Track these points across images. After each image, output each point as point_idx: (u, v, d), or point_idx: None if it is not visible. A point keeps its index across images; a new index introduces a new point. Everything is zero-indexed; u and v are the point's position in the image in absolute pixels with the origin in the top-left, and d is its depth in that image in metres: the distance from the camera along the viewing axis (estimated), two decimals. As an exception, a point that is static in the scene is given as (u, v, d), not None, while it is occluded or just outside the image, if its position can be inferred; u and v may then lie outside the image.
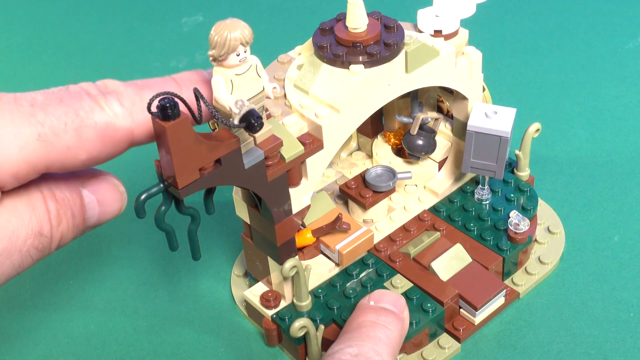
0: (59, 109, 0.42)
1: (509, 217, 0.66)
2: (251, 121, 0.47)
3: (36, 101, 0.42)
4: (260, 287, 0.65)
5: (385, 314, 0.58)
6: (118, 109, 0.44)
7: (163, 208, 0.50)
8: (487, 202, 0.70)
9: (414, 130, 0.68)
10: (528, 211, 0.69)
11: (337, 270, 0.66)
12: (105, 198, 0.47)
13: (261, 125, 0.48)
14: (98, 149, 0.43)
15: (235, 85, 0.48)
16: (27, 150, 0.41)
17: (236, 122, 0.47)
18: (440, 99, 0.72)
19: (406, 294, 0.63)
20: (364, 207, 0.67)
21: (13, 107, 0.41)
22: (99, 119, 0.43)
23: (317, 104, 0.58)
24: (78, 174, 0.46)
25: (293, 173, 0.58)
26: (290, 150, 0.56)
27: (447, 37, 0.64)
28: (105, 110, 0.43)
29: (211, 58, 0.48)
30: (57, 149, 0.42)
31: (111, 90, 0.44)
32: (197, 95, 0.46)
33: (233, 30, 0.47)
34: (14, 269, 0.42)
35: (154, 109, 0.45)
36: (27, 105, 0.42)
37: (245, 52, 0.48)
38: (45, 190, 0.43)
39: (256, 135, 0.52)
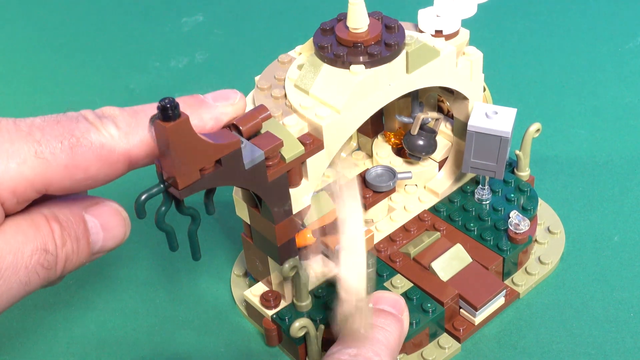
0: (56, 130, 0.43)
1: (509, 217, 0.66)
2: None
3: (34, 123, 0.43)
4: (260, 287, 0.65)
5: (384, 315, 0.58)
6: (114, 130, 0.45)
7: (163, 208, 0.50)
8: (487, 202, 0.70)
9: (415, 130, 0.68)
10: (528, 211, 0.69)
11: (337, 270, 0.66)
12: (108, 223, 0.47)
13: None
14: (95, 169, 0.44)
15: None
16: (25, 166, 0.42)
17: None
18: (441, 99, 0.72)
19: (406, 294, 0.63)
20: (364, 207, 0.67)
21: (12, 128, 0.43)
22: (94, 139, 0.44)
23: (318, 104, 0.58)
24: (80, 200, 0.47)
25: (293, 173, 0.58)
26: (291, 150, 0.56)
27: (448, 37, 0.64)
28: (101, 132, 0.44)
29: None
30: (54, 167, 0.43)
31: (107, 115, 0.46)
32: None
33: None
34: (22, 286, 0.43)
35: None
36: (25, 127, 0.43)
37: None
38: (48, 213, 0.44)
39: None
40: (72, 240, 0.45)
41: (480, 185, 0.70)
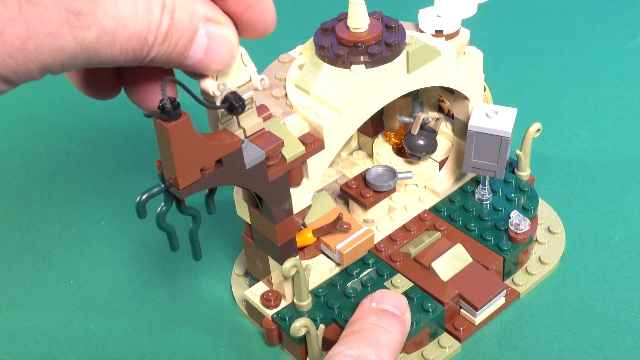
0: None
1: (510, 217, 0.66)
2: (232, 102, 0.47)
3: None
4: (260, 287, 0.65)
5: (386, 316, 0.58)
6: None
7: (164, 208, 0.50)
8: (488, 202, 0.70)
9: (415, 130, 0.68)
10: (528, 211, 0.69)
11: (337, 270, 0.66)
12: (213, 50, 0.43)
13: (243, 107, 0.47)
14: None
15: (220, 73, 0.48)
16: None
17: (218, 103, 0.47)
18: (441, 98, 0.72)
19: (407, 294, 0.63)
20: (365, 206, 0.67)
21: None
22: None
23: (318, 104, 0.58)
24: (203, 9, 0.42)
25: (294, 173, 0.58)
26: (292, 150, 0.56)
27: (449, 37, 0.64)
28: None
29: None
30: None
31: None
32: (178, 82, 0.45)
33: None
34: (110, 61, 0.39)
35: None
36: None
37: None
38: (167, 2, 0.40)
39: (241, 121, 0.52)
40: (172, 43, 0.41)
41: (480, 185, 0.70)
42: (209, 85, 0.47)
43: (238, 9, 0.43)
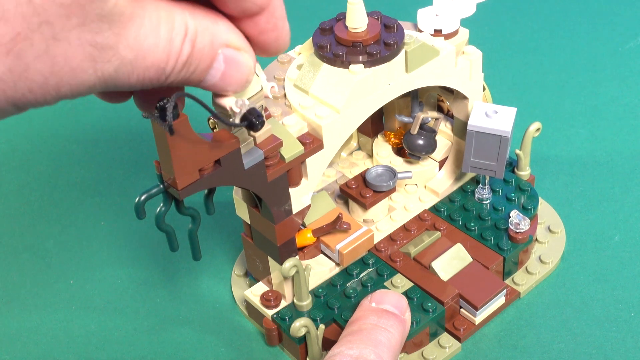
0: None
1: (510, 217, 0.66)
2: (252, 120, 0.47)
3: None
4: (260, 287, 0.65)
5: (386, 316, 0.58)
6: None
7: (163, 209, 0.50)
8: (488, 201, 0.70)
9: (415, 129, 0.68)
10: (529, 210, 0.69)
11: (337, 270, 0.66)
12: (230, 76, 0.42)
13: (262, 123, 0.47)
14: None
15: None
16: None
17: (237, 121, 0.47)
18: (441, 98, 0.72)
19: (407, 294, 0.63)
20: (365, 206, 0.67)
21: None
22: None
23: (317, 104, 0.58)
24: (226, 28, 0.41)
25: (293, 173, 0.58)
26: (290, 150, 0.56)
27: (447, 36, 0.64)
28: None
29: None
30: None
31: None
32: (193, 97, 0.45)
33: None
34: (126, 82, 0.38)
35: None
36: None
37: None
38: (190, 27, 0.39)
39: (257, 134, 0.52)
40: (190, 70, 0.40)
41: (480, 185, 0.70)
42: (227, 101, 0.47)
43: (252, 32, 0.43)
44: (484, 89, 0.69)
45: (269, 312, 0.63)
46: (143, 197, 0.48)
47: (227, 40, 0.41)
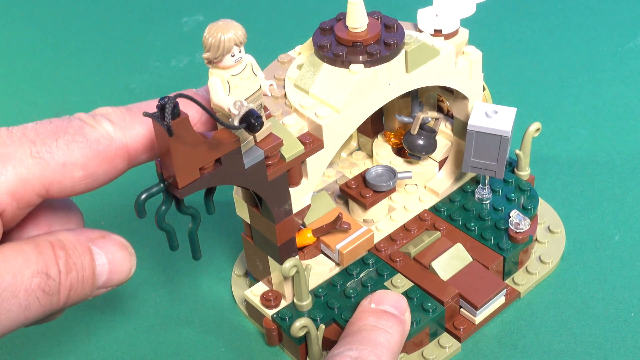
0: (50, 129, 0.43)
1: (510, 217, 0.66)
2: (251, 121, 0.47)
3: (27, 127, 0.43)
4: (260, 287, 0.65)
5: (386, 317, 0.58)
6: (108, 125, 0.45)
7: (163, 208, 0.50)
8: (488, 201, 0.70)
9: (415, 129, 0.68)
10: (529, 210, 0.69)
11: (337, 269, 0.66)
12: (114, 257, 0.46)
13: (261, 124, 0.47)
14: (94, 165, 0.44)
15: (232, 85, 0.48)
16: (22, 167, 0.42)
17: (236, 123, 0.47)
18: (441, 98, 0.72)
19: (406, 294, 0.63)
20: (365, 206, 0.67)
21: (4, 133, 0.43)
22: (90, 134, 0.44)
23: (318, 104, 0.58)
24: (87, 232, 0.46)
25: (293, 173, 0.58)
26: (291, 149, 0.56)
27: (447, 36, 0.64)
28: (96, 127, 0.44)
29: (206, 61, 0.48)
30: (52, 165, 0.42)
31: (100, 113, 0.46)
32: (193, 99, 0.46)
33: (226, 32, 0.46)
34: (21, 310, 0.42)
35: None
36: (18, 131, 0.43)
37: (239, 52, 0.48)
38: (54, 240, 0.43)
39: (256, 134, 0.52)
40: (78, 269, 0.44)
41: (480, 185, 0.70)
42: (224, 101, 0.48)
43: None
44: (484, 89, 0.69)
45: (269, 312, 0.63)
46: (143, 196, 0.48)
47: (87, 236, 0.46)
